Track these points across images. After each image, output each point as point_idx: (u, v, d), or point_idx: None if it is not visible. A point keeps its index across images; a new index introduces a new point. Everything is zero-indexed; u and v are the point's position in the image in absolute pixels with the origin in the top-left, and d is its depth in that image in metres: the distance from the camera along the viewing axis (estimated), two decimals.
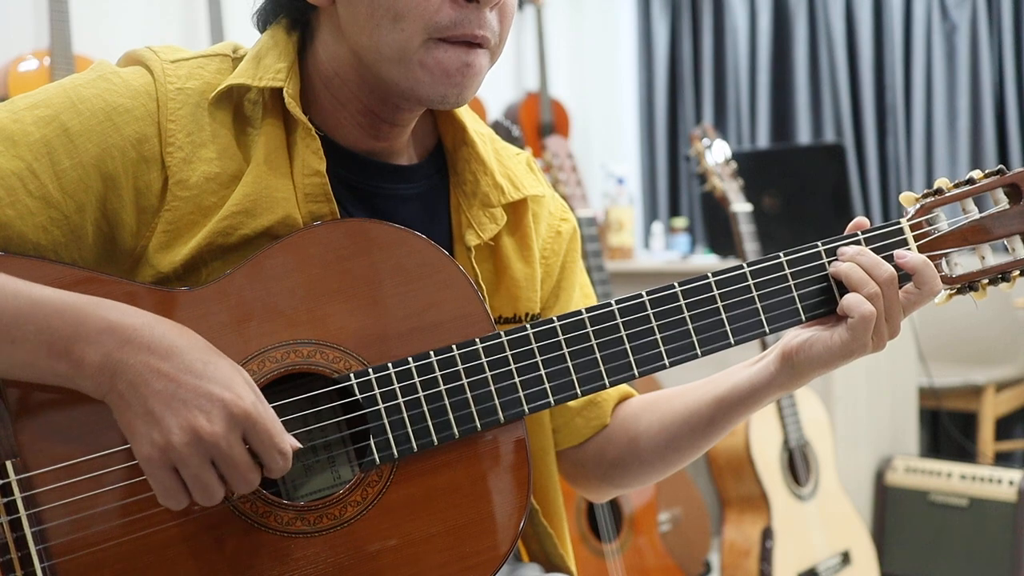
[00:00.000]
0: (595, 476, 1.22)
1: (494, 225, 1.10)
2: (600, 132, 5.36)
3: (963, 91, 4.45)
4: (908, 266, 1.04)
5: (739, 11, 5.00)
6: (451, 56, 0.97)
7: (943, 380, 3.61)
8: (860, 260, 1.04)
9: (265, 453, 0.88)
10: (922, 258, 1.04)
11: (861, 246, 1.05)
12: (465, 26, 0.96)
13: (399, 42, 0.97)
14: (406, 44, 0.97)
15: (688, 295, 1.03)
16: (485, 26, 0.97)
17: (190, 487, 0.87)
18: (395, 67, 0.98)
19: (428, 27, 0.96)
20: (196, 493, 0.87)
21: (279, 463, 0.89)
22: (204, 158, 0.99)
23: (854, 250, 1.05)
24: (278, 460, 0.89)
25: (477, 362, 0.98)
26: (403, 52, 0.97)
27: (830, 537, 2.75)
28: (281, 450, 0.88)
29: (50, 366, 0.88)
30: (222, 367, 0.88)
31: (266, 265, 0.97)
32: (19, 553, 0.89)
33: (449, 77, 0.98)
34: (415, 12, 0.95)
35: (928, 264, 1.04)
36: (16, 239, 0.95)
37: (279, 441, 0.88)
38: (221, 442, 0.86)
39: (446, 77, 0.98)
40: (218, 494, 0.88)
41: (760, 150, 4.68)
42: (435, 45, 0.97)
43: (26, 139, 0.96)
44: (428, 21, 0.95)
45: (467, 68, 0.98)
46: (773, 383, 1.08)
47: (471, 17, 0.96)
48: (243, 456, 0.87)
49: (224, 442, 0.86)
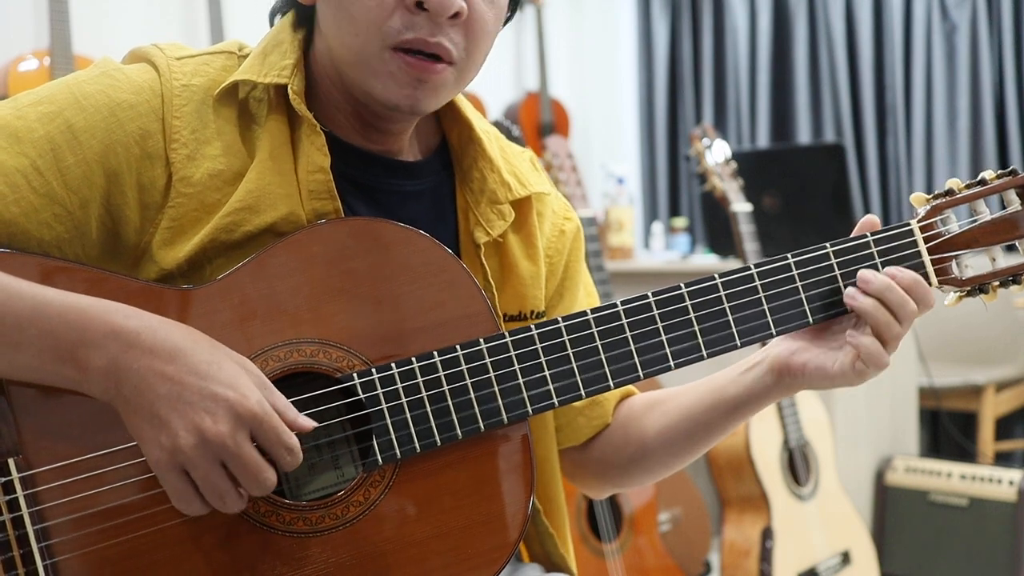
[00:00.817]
0: (595, 475, 1.23)
1: (502, 222, 1.10)
2: (600, 132, 5.35)
3: (963, 91, 4.45)
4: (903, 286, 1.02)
5: (739, 11, 5.00)
6: (404, 67, 0.97)
7: (943, 380, 3.61)
8: (888, 298, 1.01)
9: (272, 450, 0.88)
10: (913, 276, 1.02)
11: (889, 281, 1.02)
12: (416, 31, 0.96)
13: (357, 47, 0.98)
14: (362, 49, 0.97)
15: (694, 296, 1.02)
16: (439, 35, 0.97)
17: (202, 489, 0.87)
18: (354, 70, 0.99)
19: (382, 33, 0.96)
20: (208, 495, 0.87)
21: (287, 459, 0.88)
22: (208, 155, 0.99)
23: (882, 284, 1.02)
24: (285, 457, 0.88)
25: (481, 362, 0.98)
26: (360, 56, 0.98)
27: (830, 537, 2.75)
28: (288, 447, 0.88)
29: (55, 370, 0.88)
30: (227, 366, 0.88)
31: (270, 263, 0.97)
32: (21, 551, 0.89)
33: (400, 88, 0.98)
34: (368, 18, 0.96)
35: (919, 282, 1.03)
36: (20, 236, 0.95)
37: (286, 438, 0.88)
38: (228, 442, 0.85)
39: (397, 88, 0.98)
40: (231, 497, 0.87)
41: (760, 150, 4.68)
42: (391, 55, 0.97)
43: (30, 136, 0.95)
44: (381, 26, 0.96)
45: (419, 83, 0.98)
46: (770, 395, 1.09)
47: (421, 24, 0.96)
48: (252, 455, 0.87)
49: (231, 441, 0.85)
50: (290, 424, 0.89)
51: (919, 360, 3.46)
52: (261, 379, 0.90)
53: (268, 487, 0.88)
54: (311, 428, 0.90)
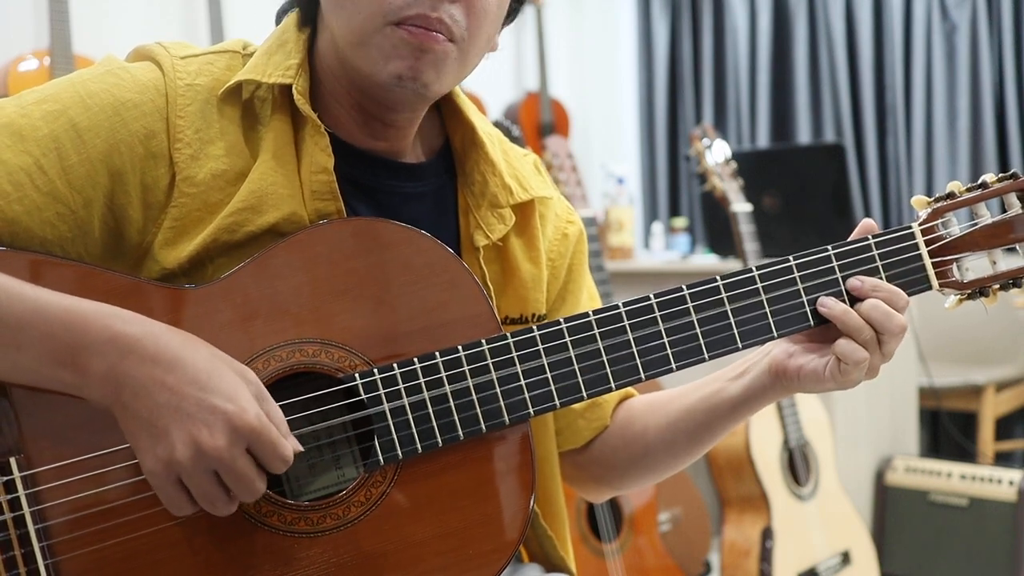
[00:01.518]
0: (594, 477, 1.23)
1: (503, 226, 1.10)
2: (600, 132, 5.35)
3: (963, 91, 4.45)
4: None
5: (739, 11, 5.00)
6: (405, 38, 0.97)
7: (943, 380, 3.61)
8: (874, 315, 1.02)
9: (267, 461, 0.88)
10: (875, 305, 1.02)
11: (876, 300, 1.02)
12: (418, 7, 0.96)
13: (358, 25, 0.98)
14: (364, 27, 0.97)
15: (696, 298, 1.02)
16: (440, 10, 0.97)
17: (196, 498, 0.87)
18: (356, 51, 0.99)
19: (384, 10, 0.96)
20: (201, 502, 0.88)
21: (281, 469, 0.89)
22: (212, 155, 0.99)
23: (870, 304, 1.02)
24: (279, 467, 0.89)
25: (483, 363, 0.98)
26: (362, 35, 0.98)
27: (830, 537, 2.75)
28: (283, 458, 0.88)
29: (55, 374, 0.88)
30: (226, 377, 0.88)
31: (272, 263, 0.97)
32: (22, 550, 0.89)
33: (402, 60, 0.97)
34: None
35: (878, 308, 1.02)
36: (23, 234, 0.95)
37: (282, 451, 0.88)
38: (224, 455, 0.85)
39: (399, 60, 0.97)
40: (222, 503, 0.88)
41: (760, 150, 4.68)
42: (392, 29, 0.97)
43: (34, 134, 0.95)
44: (383, 3, 0.96)
45: (420, 52, 0.98)
46: (767, 395, 1.10)
47: (423, 1, 0.96)
48: (246, 468, 0.87)
49: (227, 455, 0.86)
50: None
51: (919, 360, 3.46)
52: (259, 390, 0.90)
53: (258, 495, 0.89)
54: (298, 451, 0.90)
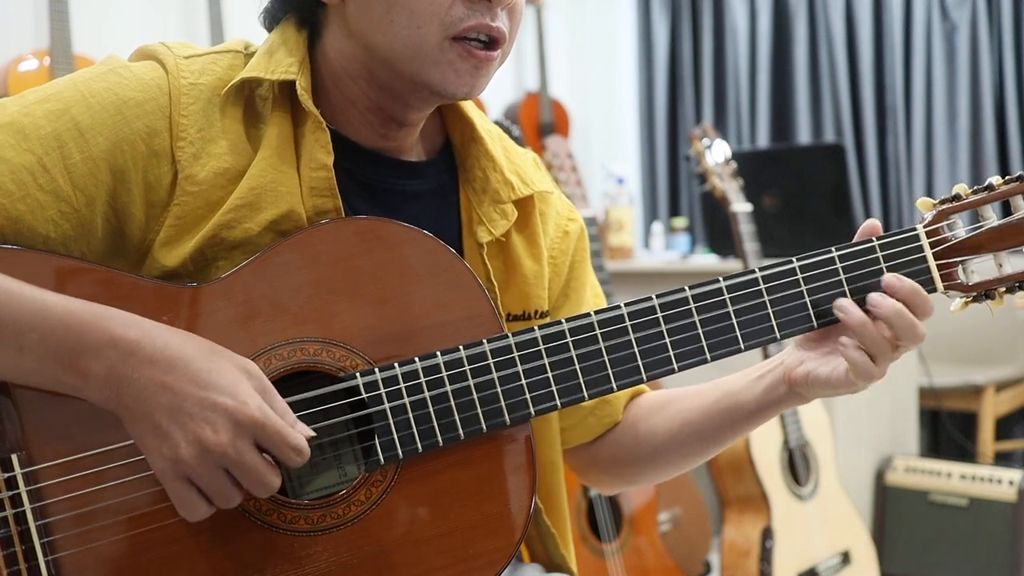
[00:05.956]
0: (605, 472, 1.23)
1: (505, 221, 1.10)
2: (600, 132, 5.35)
3: (963, 91, 4.45)
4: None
5: (739, 11, 5.00)
6: (464, 55, 0.99)
7: (943, 380, 3.61)
8: (896, 323, 1.01)
9: (279, 453, 0.88)
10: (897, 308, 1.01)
11: (900, 307, 1.01)
12: (478, 17, 0.98)
13: (415, 39, 0.98)
14: (422, 42, 0.98)
15: (699, 299, 1.02)
16: (497, 19, 1.00)
17: (208, 495, 0.87)
18: (410, 63, 1.00)
19: (444, 24, 0.98)
20: (214, 499, 0.88)
21: (295, 459, 0.89)
22: (214, 153, 0.99)
23: (891, 309, 1.01)
24: (294, 457, 0.88)
25: (484, 363, 0.98)
26: (419, 49, 0.99)
27: (830, 537, 2.75)
28: (295, 447, 0.88)
29: (56, 376, 0.88)
30: (227, 373, 0.88)
31: (274, 262, 0.97)
32: (23, 546, 0.89)
33: (459, 77, 1.00)
34: (430, 10, 0.97)
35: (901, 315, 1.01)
36: (26, 233, 0.95)
37: (291, 439, 0.88)
38: (229, 451, 0.86)
39: (456, 77, 1.00)
40: (235, 498, 0.88)
41: (760, 150, 4.68)
42: (451, 44, 0.99)
43: (37, 133, 0.96)
44: (443, 17, 0.97)
45: (477, 71, 1.01)
46: (783, 403, 1.10)
47: (481, 11, 0.98)
48: (255, 461, 0.87)
49: (232, 450, 0.86)
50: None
51: (919, 360, 3.46)
52: (262, 383, 0.90)
53: (272, 489, 0.89)
54: (309, 436, 0.90)
